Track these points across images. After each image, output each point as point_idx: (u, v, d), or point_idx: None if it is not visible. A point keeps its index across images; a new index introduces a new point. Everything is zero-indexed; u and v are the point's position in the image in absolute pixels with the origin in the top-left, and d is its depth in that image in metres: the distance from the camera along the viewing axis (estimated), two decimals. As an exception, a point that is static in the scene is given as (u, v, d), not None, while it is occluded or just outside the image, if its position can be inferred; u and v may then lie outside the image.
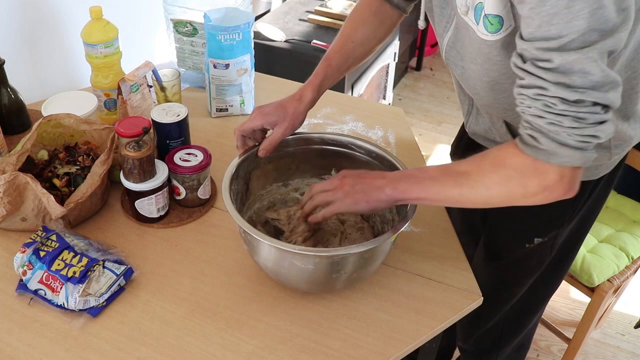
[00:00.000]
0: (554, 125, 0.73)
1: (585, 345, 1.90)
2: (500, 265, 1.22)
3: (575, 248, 1.21)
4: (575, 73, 0.69)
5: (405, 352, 0.91)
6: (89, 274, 0.94)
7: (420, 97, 3.39)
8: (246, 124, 1.03)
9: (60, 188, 1.08)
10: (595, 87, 0.70)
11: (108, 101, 1.33)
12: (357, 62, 1.13)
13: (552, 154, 0.74)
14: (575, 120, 0.72)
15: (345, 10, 2.39)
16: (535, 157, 0.76)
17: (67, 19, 1.51)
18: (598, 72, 0.69)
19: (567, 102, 0.71)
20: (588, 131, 0.72)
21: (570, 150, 0.73)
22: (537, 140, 0.75)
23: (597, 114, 0.71)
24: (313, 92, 1.06)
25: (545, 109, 0.73)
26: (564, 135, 0.73)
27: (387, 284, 1.01)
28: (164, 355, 0.88)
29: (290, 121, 1.03)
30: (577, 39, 0.67)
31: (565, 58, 0.69)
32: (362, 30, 1.11)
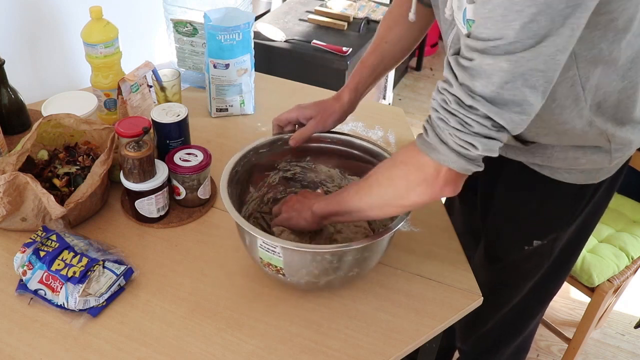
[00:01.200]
0: (442, 122, 0.74)
1: (585, 345, 1.90)
2: (499, 267, 1.22)
3: (576, 252, 1.20)
4: (481, 79, 0.69)
5: (405, 352, 0.91)
6: (89, 274, 0.94)
7: (420, 97, 3.39)
8: (283, 114, 1.09)
9: (60, 188, 1.08)
10: (494, 100, 0.69)
11: (108, 101, 1.33)
12: (393, 62, 1.15)
13: (433, 148, 0.76)
14: (460, 123, 0.72)
15: (346, 10, 2.39)
16: (420, 149, 0.78)
17: (67, 19, 1.51)
18: (500, 83, 0.68)
19: (462, 104, 0.72)
20: (468, 138, 0.72)
21: (448, 150, 0.74)
22: (427, 132, 0.77)
23: (484, 127, 0.71)
24: (350, 93, 1.10)
25: (442, 103, 0.74)
26: (446, 133, 0.74)
27: (387, 284, 1.01)
28: (164, 355, 0.88)
29: (323, 117, 1.08)
30: (500, 47, 0.67)
31: (482, 60, 0.69)
32: (395, 30, 1.12)
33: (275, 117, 1.10)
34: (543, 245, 1.12)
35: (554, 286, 1.27)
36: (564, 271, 1.24)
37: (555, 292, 1.29)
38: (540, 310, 1.32)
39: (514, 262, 1.18)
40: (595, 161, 0.97)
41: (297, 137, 1.07)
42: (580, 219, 1.09)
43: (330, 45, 2.12)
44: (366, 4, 2.49)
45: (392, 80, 2.86)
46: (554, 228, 1.10)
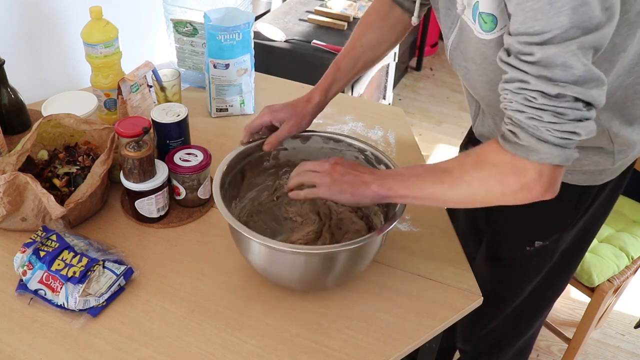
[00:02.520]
0: (534, 120, 0.72)
1: (585, 345, 1.90)
2: (501, 266, 1.21)
3: (579, 254, 1.20)
4: (557, 66, 0.68)
5: (405, 352, 0.91)
6: (89, 274, 0.94)
7: (420, 97, 3.39)
8: (255, 120, 1.06)
9: (60, 188, 1.08)
10: (577, 82, 0.69)
11: (108, 101, 1.33)
12: (366, 66, 1.13)
13: (531, 150, 0.73)
14: (554, 115, 0.71)
15: (346, 10, 2.39)
16: (515, 154, 0.75)
17: (67, 19, 1.51)
18: (580, 67, 0.68)
19: (548, 96, 0.70)
20: (568, 127, 0.71)
21: (550, 146, 0.72)
22: (517, 135, 0.74)
23: (578, 110, 0.70)
24: (321, 94, 1.09)
25: (526, 102, 0.72)
26: (543, 130, 0.72)
27: (387, 284, 1.01)
28: (164, 355, 0.88)
29: (297, 119, 1.06)
30: (559, 35, 0.67)
31: (546, 51, 0.68)
32: (371, 34, 1.11)
33: (247, 124, 1.05)
34: (545, 246, 1.11)
35: (556, 288, 1.26)
36: (567, 273, 1.23)
37: (558, 294, 1.29)
38: (543, 312, 1.32)
39: (516, 262, 1.18)
40: (597, 162, 0.97)
41: (272, 141, 1.05)
42: (583, 221, 1.08)
43: (330, 45, 2.12)
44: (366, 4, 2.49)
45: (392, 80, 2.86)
46: (556, 229, 1.09)
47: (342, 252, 0.89)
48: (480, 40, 0.83)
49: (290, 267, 0.91)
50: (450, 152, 2.92)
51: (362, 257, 0.93)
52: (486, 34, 0.81)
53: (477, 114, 1.10)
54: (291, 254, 0.88)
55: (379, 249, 0.96)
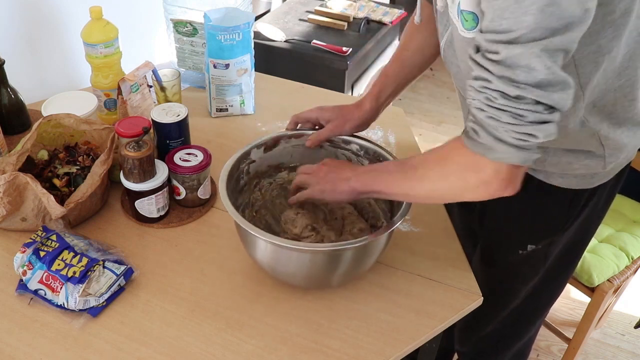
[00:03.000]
0: (493, 120, 0.72)
1: (585, 345, 1.90)
2: (495, 270, 1.21)
3: (575, 258, 1.20)
4: (519, 67, 0.68)
5: (405, 352, 0.91)
6: (89, 274, 0.94)
7: (420, 97, 3.39)
8: (304, 113, 1.09)
9: (60, 188, 1.08)
10: (539, 84, 0.69)
11: (108, 101, 1.33)
12: (415, 70, 1.13)
13: (489, 148, 0.74)
14: (513, 116, 0.71)
15: (346, 10, 2.39)
16: (474, 151, 0.76)
17: (67, 19, 1.51)
18: (542, 69, 0.68)
19: (508, 97, 0.70)
20: (526, 129, 0.71)
21: (506, 146, 0.73)
22: (477, 133, 0.75)
23: (538, 113, 0.70)
24: (371, 101, 1.10)
25: (487, 102, 0.72)
26: (502, 130, 0.72)
27: (387, 284, 1.01)
28: (164, 355, 0.88)
29: (341, 122, 1.08)
30: (524, 35, 0.67)
31: (510, 51, 0.68)
32: (416, 38, 1.11)
33: (295, 114, 1.10)
34: (538, 250, 1.11)
35: (553, 291, 1.26)
36: (563, 276, 1.23)
37: (555, 298, 1.28)
38: (540, 315, 1.31)
39: (510, 265, 1.18)
40: (588, 166, 0.97)
41: (313, 138, 1.08)
42: (576, 225, 1.08)
43: (330, 45, 2.12)
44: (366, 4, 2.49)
45: (392, 80, 2.85)
46: (548, 233, 1.09)
47: (348, 250, 0.89)
48: (464, 39, 0.83)
49: (295, 264, 0.91)
50: (450, 152, 2.91)
51: (368, 256, 0.93)
52: (468, 32, 0.80)
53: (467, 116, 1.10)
54: (297, 251, 0.88)
55: (384, 248, 0.96)
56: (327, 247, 0.89)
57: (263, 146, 1.08)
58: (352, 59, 2.09)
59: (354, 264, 0.92)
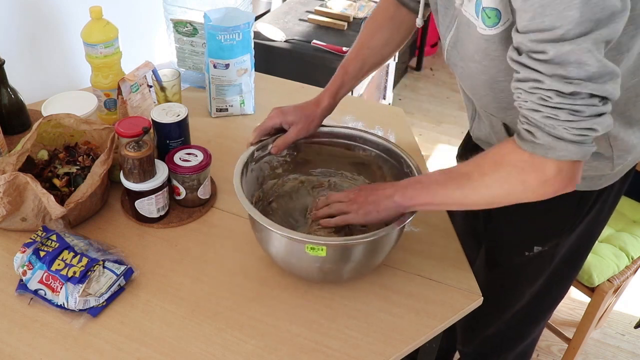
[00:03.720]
0: (550, 119, 0.72)
1: (585, 345, 1.90)
2: (500, 271, 1.21)
3: (580, 259, 1.19)
4: (570, 64, 0.68)
5: (405, 352, 0.91)
6: (89, 274, 0.94)
7: (420, 97, 3.39)
8: (266, 122, 1.08)
9: (60, 188, 1.08)
10: (591, 78, 0.69)
11: (108, 101, 1.33)
12: (374, 67, 1.14)
13: (549, 148, 0.74)
14: (571, 113, 0.71)
15: (346, 10, 2.39)
16: (533, 152, 0.75)
17: (67, 19, 1.51)
18: (594, 63, 0.68)
19: (563, 95, 0.70)
20: (585, 124, 0.71)
21: (568, 144, 0.73)
22: (534, 135, 0.74)
23: (594, 106, 0.70)
24: (330, 98, 1.10)
25: (541, 102, 0.72)
26: (561, 129, 0.72)
27: (387, 284, 1.01)
28: (164, 355, 0.88)
29: (306, 123, 1.07)
30: (571, 30, 0.66)
31: (559, 49, 0.68)
32: (378, 36, 1.11)
33: (257, 126, 1.08)
34: (544, 252, 1.11)
35: (557, 293, 1.26)
36: (568, 278, 1.22)
37: (559, 299, 1.28)
38: (543, 317, 1.31)
39: (515, 267, 1.17)
40: (596, 168, 0.97)
41: (279, 144, 1.07)
42: (582, 226, 1.08)
43: (330, 45, 2.12)
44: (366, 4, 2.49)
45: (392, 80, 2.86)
46: (555, 234, 1.09)
47: (359, 245, 0.89)
48: (482, 37, 0.82)
49: (309, 258, 0.90)
50: (450, 152, 2.92)
51: (379, 250, 0.94)
52: (489, 29, 0.80)
53: (474, 117, 1.10)
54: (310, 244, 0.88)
55: (395, 243, 0.97)
56: (339, 240, 0.90)
57: None
58: (352, 59, 2.08)
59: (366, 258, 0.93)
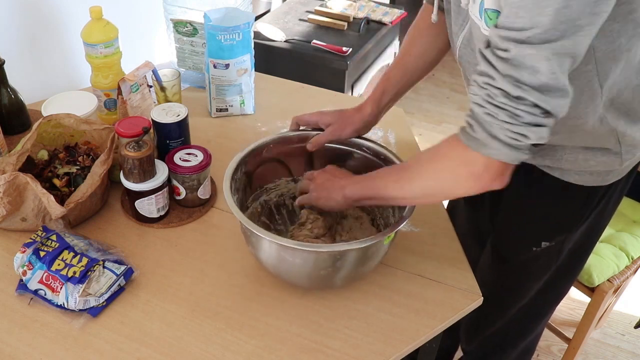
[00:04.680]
0: (490, 117, 0.74)
1: (585, 345, 1.90)
2: (507, 268, 1.21)
3: (585, 255, 1.20)
4: (526, 69, 0.69)
5: (405, 352, 0.91)
6: (89, 274, 0.94)
7: (420, 97, 3.39)
8: (305, 115, 1.10)
9: (60, 188, 1.08)
10: (540, 88, 0.70)
11: (108, 101, 1.33)
12: (417, 75, 1.14)
13: (482, 144, 0.75)
14: (510, 115, 0.72)
15: (346, 10, 2.39)
16: (468, 145, 0.77)
17: (67, 19, 1.51)
18: (547, 73, 0.69)
19: (509, 96, 0.71)
20: (519, 129, 0.72)
21: (500, 144, 0.74)
22: (473, 128, 0.76)
23: (534, 116, 0.72)
24: (372, 105, 1.11)
25: (487, 98, 0.74)
26: (497, 128, 0.73)
27: (387, 284, 1.01)
28: (164, 355, 0.88)
29: (340, 126, 1.08)
30: (537, 35, 0.67)
31: (520, 50, 0.69)
32: (419, 43, 1.12)
33: (296, 116, 1.11)
34: (551, 247, 1.11)
35: (562, 289, 1.26)
36: (572, 274, 1.23)
37: (563, 295, 1.29)
38: (547, 313, 1.31)
39: (522, 263, 1.18)
40: (605, 163, 0.97)
41: (314, 142, 1.09)
42: (589, 222, 1.08)
43: (330, 45, 2.12)
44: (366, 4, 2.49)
45: (392, 80, 2.85)
46: (562, 230, 1.09)
47: (350, 252, 0.89)
48: (485, 37, 0.83)
49: (299, 265, 0.91)
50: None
51: (370, 258, 0.93)
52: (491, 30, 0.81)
53: None
54: (300, 252, 0.88)
55: (387, 250, 0.96)
56: (329, 247, 0.89)
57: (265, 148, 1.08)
58: (352, 59, 2.09)
59: (357, 265, 0.92)
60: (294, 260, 0.90)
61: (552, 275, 1.18)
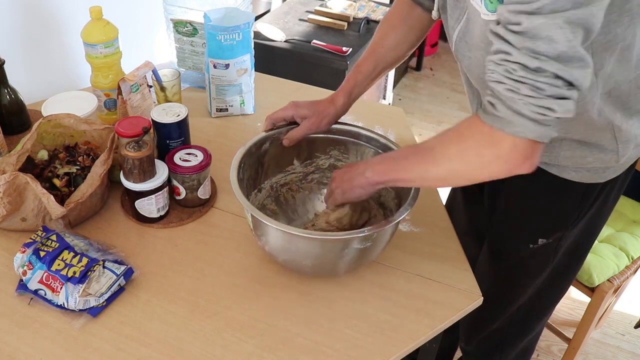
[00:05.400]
0: (512, 92, 0.72)
1: (585, 345, 1.90)
2: (504, 266, 1.21)
3: (583, 253, 1.20)
4: (541, 39, 0.68)
5: (405, 352, 0.91)
6: (89, 274, 0.94)
7: (420, 97, 3.39)
8: (278, 112, 1.09)
9: (60, 188, 1.08)
10: (559, 58, 0.69)
11: (108, 101, 1.33)
12: (388, 67, 1.14)
13: (507, 122, 0.73)
14: (532, 89, 0.71)
15: (345, 10, 2.39)
16: (492, 125, 0.75)
17: (67, 19, 1.51)
18: (564, 42, 0.68)
19: (527, 69, 0.70)
20: (544, 102, 0.71)
21: (526, 120, 0.72)
22: (495, 107, 0.74)
23: (557, 87, 0.70)
24: (344, 97, 1.10)
25: (506, 74, 0.72)
26: (520, 103, 0.72)
27: (387, 284, 1.01)
28: (164, 355, 0.88)
29: (318, 118, 1.08)
30: (547, 5, 0.67)
31: (532, 21, 0.68)
32: (392, 36, 1.12)
33: (270, 115, 1.10)
34: (548, 244, 1.11)
35: (561, 287, 1.26)
36: (571, 272, 1.23)
37: (562, 294, 1.29)
38: (547, 312, 1.31)
39: (520, 260, 1.18)
40: (602, 159, 0.97)
41: (291, 137, 1.08)
42: (586, 219, 1.09)
43: (330, 45, 2.12)
44: (366, 4, 2.49)
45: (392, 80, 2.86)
46: (559, 227, 1.10)
47: (355, 239, 0.89)
48: (485, 23, 0.83)
49: (304, 251, 0.92)
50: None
51: (375, 245, 0.94)
52: (492, 14, 0.80)
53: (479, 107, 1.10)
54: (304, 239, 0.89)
55: (390, 238, 0.97)
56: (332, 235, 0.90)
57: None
58: (352, 59, 2.09)
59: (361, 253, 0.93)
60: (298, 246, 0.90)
61: (550, 273, 1.18)
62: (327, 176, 1.17)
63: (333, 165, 1.17)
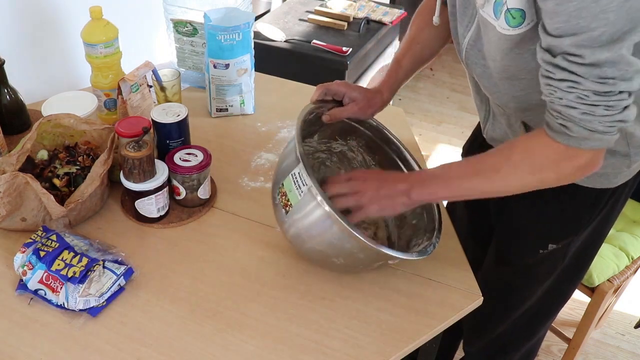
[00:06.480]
0: (587, 115, 0.76)
1: (585, 345, 1.90)
2: (511, 270, 1.21)
3: (590, 257, 1.20)
4: (606, 64, 0.71)
5: (405, 352, 0.91)
6: (89, 274, 0.94)
7: (420, 97, 3.39)
8: (332, 85, 1.06)
9: (60, 188, 1.08)
10: (624, 77, 0.72)
11: (108, 101, 1.33)
12: (424, 63, 1.15)
13: (583, 139, 0.78)
14: (606, 109, 0.75)
15: (345, 10, 2.39)
16: (567, 144, 0.79)
17: (67, 19, 1.51)
18: (627, 63, 0.71)
19: (599, 94, 0.74)
20: (618, 117, 0.76)
21: (601, 135, 0.78)
22: (569, 129, 0.78)
23: (623, 100, 0.75)
24: (388, 91, 1.12)
25: (578, 100, 0.75)
26: (596, 123, 0.76)
27: (387, 284, 1.01)
28: (164, 355, 0.88)
29: (366, 105, 1.07)
30: (606, 32, 0.69)
31: (597, 55, 0.71)
32: (426, 32, 1.13)
33: (323, 84, 1.05)
34: (558, 249, 1.11)
35: (567, 291, 1.26)
36: (578, 276, 1.23)
37: (568, 297, 1.28)
38: (551, 317, 1.31)
39: (528, 265, 1.17)
40: (614, 165, 0.97)
41: (334, 114, 1.04)
42: (595, 224, 1.09)
43: (330, 45, 2.12)
44: (366, 4, 2.49)
45: (392, 80, 2.85)
46: (570, 232, 1.10)
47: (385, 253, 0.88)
48: (503, 37, 0.83)
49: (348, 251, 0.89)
50: (450, 152, 2.92)
51: None
52: (513, 29, 0.81)
53: (487, 118, 1.10)
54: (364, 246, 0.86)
55: None
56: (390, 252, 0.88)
57: None
58: (352, 59, 2.09)
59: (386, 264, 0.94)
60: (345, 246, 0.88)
61: (556, 277, 1.17)
62: (333, 160, 1.17)
63: (343, 153, 1.16)
